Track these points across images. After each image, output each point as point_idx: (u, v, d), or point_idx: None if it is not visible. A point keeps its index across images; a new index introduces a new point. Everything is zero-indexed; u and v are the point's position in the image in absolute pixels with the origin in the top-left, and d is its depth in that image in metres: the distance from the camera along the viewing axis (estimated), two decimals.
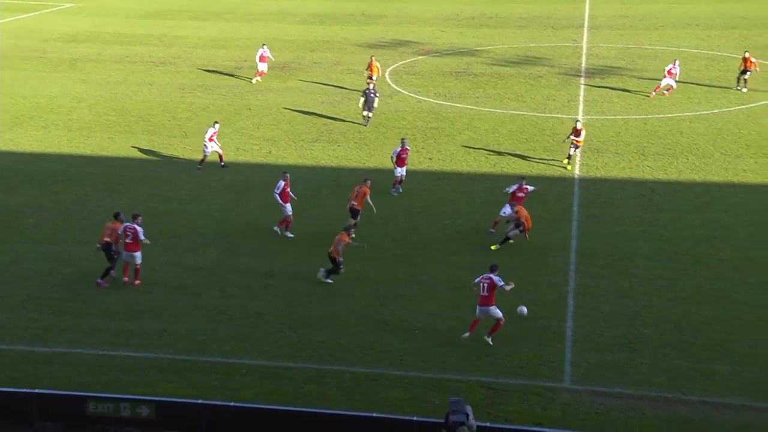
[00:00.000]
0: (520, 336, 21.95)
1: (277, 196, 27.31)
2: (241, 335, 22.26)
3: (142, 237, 24.46)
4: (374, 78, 41.78)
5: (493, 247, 26.49)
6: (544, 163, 34.03)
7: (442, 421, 16.82)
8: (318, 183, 32.36)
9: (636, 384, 19.88)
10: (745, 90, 42.26)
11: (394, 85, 45.08)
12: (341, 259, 24.49)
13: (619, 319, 22.72)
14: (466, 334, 21.44)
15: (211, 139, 33.46)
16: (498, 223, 27.60)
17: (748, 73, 42.13)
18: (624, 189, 31.40)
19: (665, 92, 41.95)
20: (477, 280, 21.54)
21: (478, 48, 53.27)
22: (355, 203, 27.46)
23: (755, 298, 23.70)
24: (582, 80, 45.72)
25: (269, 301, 23.99)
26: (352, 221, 27.03)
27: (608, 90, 43.69)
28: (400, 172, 30.79)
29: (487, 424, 17.33)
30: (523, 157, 34.72)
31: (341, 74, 47.46)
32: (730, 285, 24.44)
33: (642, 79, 45.36)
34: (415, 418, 17.66)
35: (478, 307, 21.29)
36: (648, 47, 52.51)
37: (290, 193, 27.54)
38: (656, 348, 21.27)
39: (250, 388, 19.93)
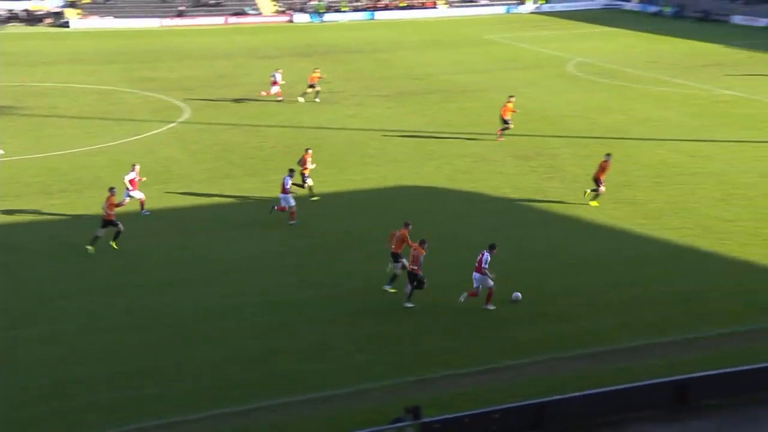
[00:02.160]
0: None
1: None
2: None
3: None
4: None
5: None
6: None
7: None
8: None
9: (72, 427, 19.38)
10: (301, 100, 48.09)
11: None
12: (421, 273, 24.24)
13: (45, 368, 21.85)
14: (463, 297, 24.10)
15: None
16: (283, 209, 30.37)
17: (315, 87, 48.34)
18: (34, 232, 30.29)
19: (279, 97, 47.87)
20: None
21: None
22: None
23: (190, 317, 24.66)
24: None
25: None
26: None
27: None
28: (139, 194, 31.48)
29: None
30: None
31: None
32: (188, 312, 24.97)
33: (34, 116, 44.29)
34: None
35: (474, 273, 24.35)
36: (34, 84, 51.45)
37: None
38: (91, 385, 20.99)
39: None
